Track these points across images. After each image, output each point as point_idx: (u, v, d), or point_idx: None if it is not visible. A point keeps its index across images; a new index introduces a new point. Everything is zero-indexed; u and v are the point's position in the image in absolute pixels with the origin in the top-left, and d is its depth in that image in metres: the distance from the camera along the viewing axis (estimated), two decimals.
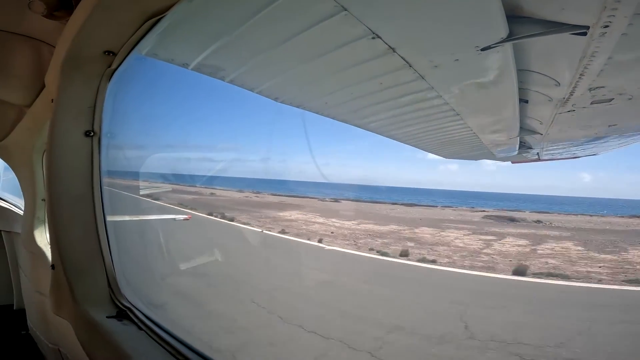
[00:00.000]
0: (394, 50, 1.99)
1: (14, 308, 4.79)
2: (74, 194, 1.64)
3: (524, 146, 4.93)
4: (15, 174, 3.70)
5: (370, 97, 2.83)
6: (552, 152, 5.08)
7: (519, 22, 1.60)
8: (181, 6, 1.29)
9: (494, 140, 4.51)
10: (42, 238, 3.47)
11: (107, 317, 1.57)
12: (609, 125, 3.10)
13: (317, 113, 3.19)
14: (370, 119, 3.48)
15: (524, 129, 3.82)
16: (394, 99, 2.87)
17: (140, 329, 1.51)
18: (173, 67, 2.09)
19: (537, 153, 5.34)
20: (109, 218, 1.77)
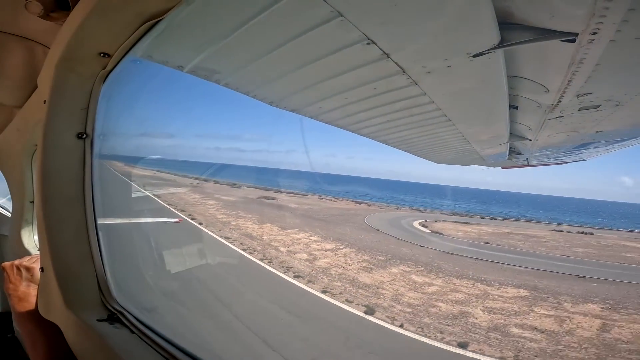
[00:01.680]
0: (388, 55, 2.02)
1: (0, 311, 4.66)
2: (65, 196, 1.61)
3: (513, 152, 5.03)
4: (4, 175, 3.63)
5: (364, 102, 2.86)
6: (540, 157, 5.19)
7: (510, 29, 1.64)
8: (178, 10, 1.30)
9: (485, 145, 4.59)
10: (30, 240, 3.39)
11: (97, 320, 1.54)
12: (596, 132, 3.19)
13: (311, 118, 3.20)
14: (363, 124, 3.51)
15: (513, 134, 3.90)
16: (388, 105, 2.90)
17: (133, 332, 1.49)
18: (168, 69, 2.09)
19: (527, 158, 5.44)
20: (99, 221, 1.75)
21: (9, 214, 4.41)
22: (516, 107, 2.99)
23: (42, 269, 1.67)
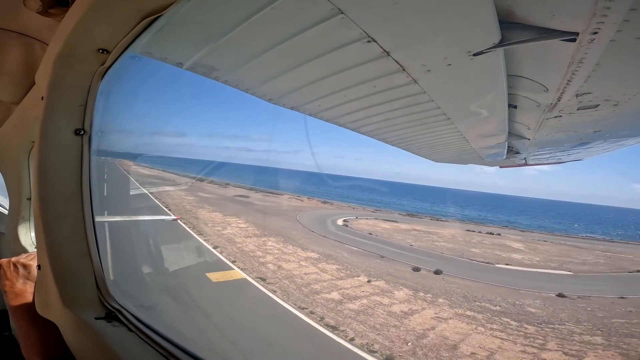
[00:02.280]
0: (388, 53, 2.01)
1: None
2: (62, 193, 1.60)
3: (511, 151, 5.04)
4: (1, 172, 3.60)
5: (363, 100, 2.86)
6: (538, 156, 5.21)
7: (511, 28, 1.64)
8: (178, 6, 1.29)
9: (483, 144, 4.60)
10: (27, 238, 3.37)
11: (95, 318, 1.53)
12: (595, 131, 3.20)
13: (311, 115, 3.20)
14: (363, 122, 3.50)
15: (512, 133, 3.91)
16: (387, 103, 2.90)
17: (131, 330, 1.48)
18: (167, 66, 2.07)
19: (525, 158, 5.46)
20: (97, 218, 1.74)
21: (5, 211, 4.38)
22: (515, 106, 2.99)
23: (39, 266, 1.65)
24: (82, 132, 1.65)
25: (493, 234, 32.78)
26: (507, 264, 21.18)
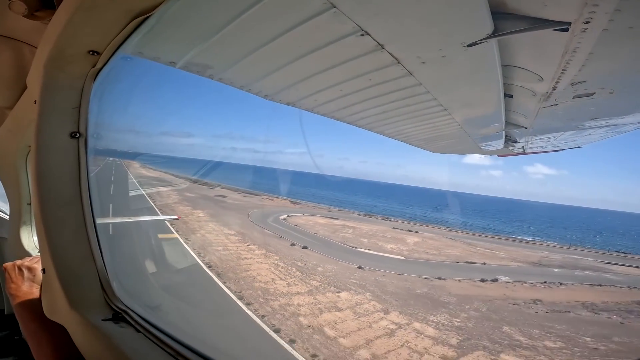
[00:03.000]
0: (382, 47, 2.00)
1: (5, 313, 4.66)
2: (62, 196, 1.60)
3: (509, 140, 5.04)
4: None
5: (359, 93, 2.85)
6: (536, 145, 5.21)
7: (504, 18, 1.63)
8: (167, 5, 1.27)
9: (481, 134, 4.60)
10: (30, 242, 3.38)
11: (102, 320, 1.55)
12: (591, 119, 3.20)
13: (307, 110, 3.19)
14: (359, 115, 3.49)
15: (509, 122, 3.90)
16: (383, 95, 2.89)
17: (138, 331, 1.49)
18: (160, 65, 2.06)
19: (522, 146, 5.46)
20: (98, 220, 1.74)
21: (6, 217, 4.38)
22: (511, 96, 2.98)
23: (43, 270, 1.66)
24: (78, 135, 1.64)
25: (411, 230, 38.72)
26: (367, 249, 26.97)
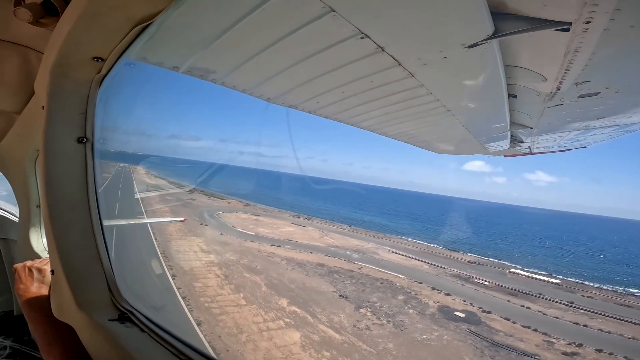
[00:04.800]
0: (382, 49, 2.01)
1: (14, 314, 4.75)
2: (70, 199, 1.64)
3: (515, 140, 4.99)
4: (8, 182, 3.67)
5: (361, 95, 2.85)
6: (543, 145, 5.15)
7: (504, 19, 1.62)
8: (167, 12, 1.30)
9: (485, 135, 4.56)
10: (39, 244, 3.44)
11: (109, 320, 1.58)
12: (597, 118, 3.15)
13: (309, 113, 3.20)
14: (362, 117, 3.50)
15: (514, 123, 3.87)
16: (385, 97, 2.89)
17: (143, 330, 1.53)
18: (164, 71, 2.09)
19: (529, 146, 5.40)
20: (105, 223, 1.78)
21: (16, 219, 4.47)
22: (515, 96, 2.96)
23: (52, 271, 1.70)
24: (85, 140, 1.68)
25: (300, 225, 49.61)
26: (243, 230, 39.69)
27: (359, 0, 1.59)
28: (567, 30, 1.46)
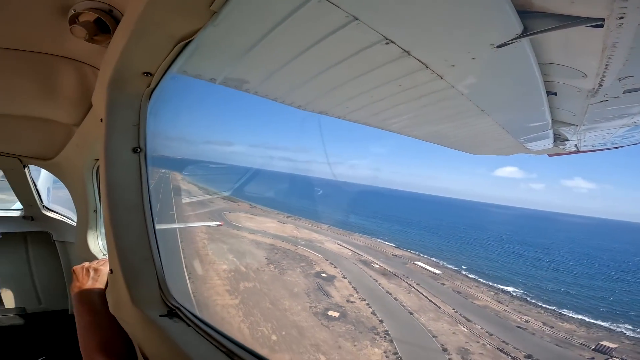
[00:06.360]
0: (408, 53, 2.03)
1: (69, 313, 5.18)
2: (127, 205, 1.77)
3: (559, 138, 4.69)
4: (68, 189, 4.04)
5: (390, 99, 2.87)
6: (591, 142, 4.79)
7: (533, 17, 1.59)
8: (207, 29, 1.44)
9: (525, 134, 4.35)
10: (96, 246, 3.77)
11: (159, 315, 1.69)
12: None
13: (339, 118, 3.27)
14: (391, 120, 3.50)
15: (556, 120, 3.66)
16: (414, 100, 2.88)
17: (189, 325, 1.63)
18: (203, 82, 2.27)
19: (575, 144, 5.04)
20: (157, 226, 1.92)
21: (74, 223, 4.91)
22: (555, 93, 2.82)
23: (111, 270, 1.83)
24: (139, 150, 1.83)
25: (283, 222, 59.36)
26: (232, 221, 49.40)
27: (382, 7, 1.63)
28: (601, 26, 1.41)
